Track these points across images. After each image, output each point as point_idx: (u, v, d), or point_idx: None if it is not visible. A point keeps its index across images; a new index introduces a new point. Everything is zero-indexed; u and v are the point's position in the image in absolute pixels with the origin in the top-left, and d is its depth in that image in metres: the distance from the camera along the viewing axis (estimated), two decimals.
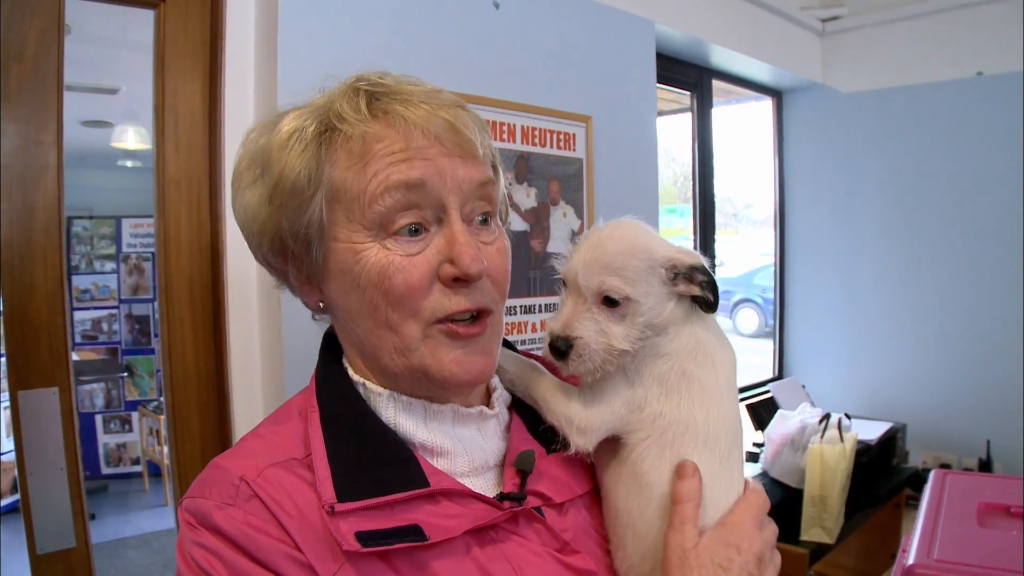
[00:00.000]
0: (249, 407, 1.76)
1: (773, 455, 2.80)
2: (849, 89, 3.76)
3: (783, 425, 2.84)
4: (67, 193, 1.55)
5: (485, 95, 2.08)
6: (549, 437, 0.87)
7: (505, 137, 2.15)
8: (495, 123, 2.12)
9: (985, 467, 3.28)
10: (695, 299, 0.85)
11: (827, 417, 2.76)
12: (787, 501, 2.65)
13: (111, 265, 5.81)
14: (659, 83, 2.80)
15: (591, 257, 0.82)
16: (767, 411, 3.18)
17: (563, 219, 2.35)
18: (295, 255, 0.82)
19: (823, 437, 2.66)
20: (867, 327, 3.75)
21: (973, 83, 3.35)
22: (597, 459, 0.88)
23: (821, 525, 2.57)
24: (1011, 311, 3.26)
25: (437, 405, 0.83)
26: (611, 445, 0.86)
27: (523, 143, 2.20)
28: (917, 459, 3.51)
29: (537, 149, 2.25)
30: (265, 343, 1.76)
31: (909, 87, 3.54)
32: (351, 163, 0.77)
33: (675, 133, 4.03)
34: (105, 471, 5.61)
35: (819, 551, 2.53)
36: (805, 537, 2.53)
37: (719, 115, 3.56)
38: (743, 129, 4.39)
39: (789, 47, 3.64)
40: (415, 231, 0.77)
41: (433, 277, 0.77)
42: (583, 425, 0.83)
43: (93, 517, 4.69)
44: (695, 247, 3.45)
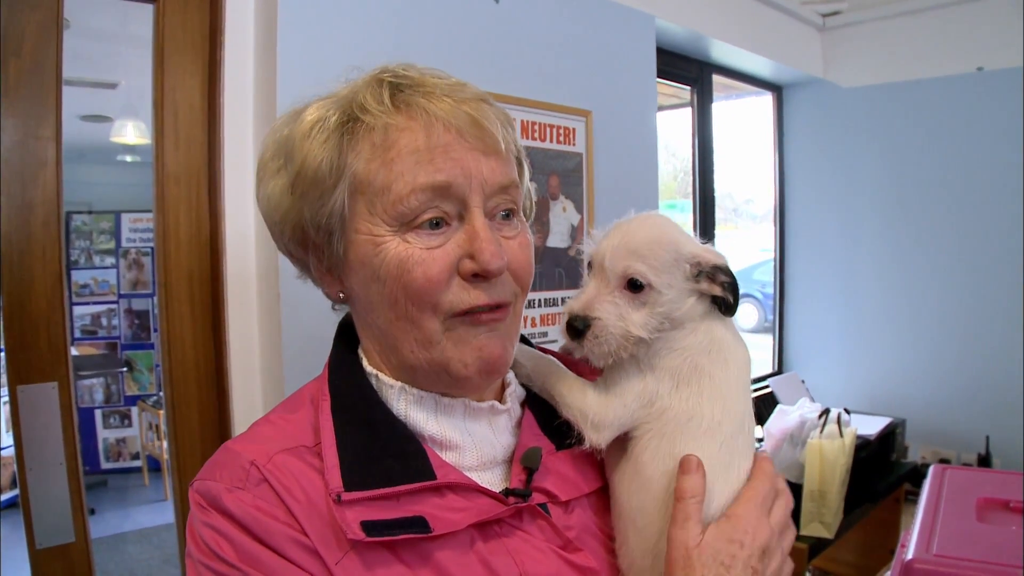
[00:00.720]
0: (248, 402, 1.76)
1: (772, 450, 2.80)
2: (849, 84, 3.76)
3: (782, 420, 2.85)
4: (66, 188, 1.55)
5: (485, 89, 2.07)
6: (565, 432, 0.86)
7: None
8: None
9: (984, 462, 3.28)
10: (714, 300, 0.85)
11: (826, 412, 2.76)
12: None
13: (110, 260, 5.81)
14: (659, 78, 2.80)
15: (620, 242, 0.83)
16: (766, 406, 3.18)
17: (563, 214, 2.34)
18: (316, 245, 0.82)
19: (822, 432, 2.66)
20: (867, 322, 3.75)
21: (973, 78, 3.35)
22: (607, 456, 0.88)
23: (820, 520, 2.57)
24: (1010, 307, 3.26)
25: (449, 399, 0.83)
26: (619, 442, 0.86)
27: (523, 137, 2.19)
28: (916, 454, 3.51)
29: (537, 143, 2.25)
30: (264, 338, 1.75)
31: (909, 82, 3.53)
32: (374, 155, 0.77)
33: (675, 128, 4.03)
34: (104, 466, 5.62)
35: (818, 546, 2.53)
36: (804, 532, 2.54)
37: (719, 110, 3.56)
38: (743, 124, 4.38)
39: (789, 42, 3.63)
40: (436, 224, 0.77)
41: (452, 271, 0.77)
42: (597, 420, 0.84)
43: (92, 512, 4.71)
44: None
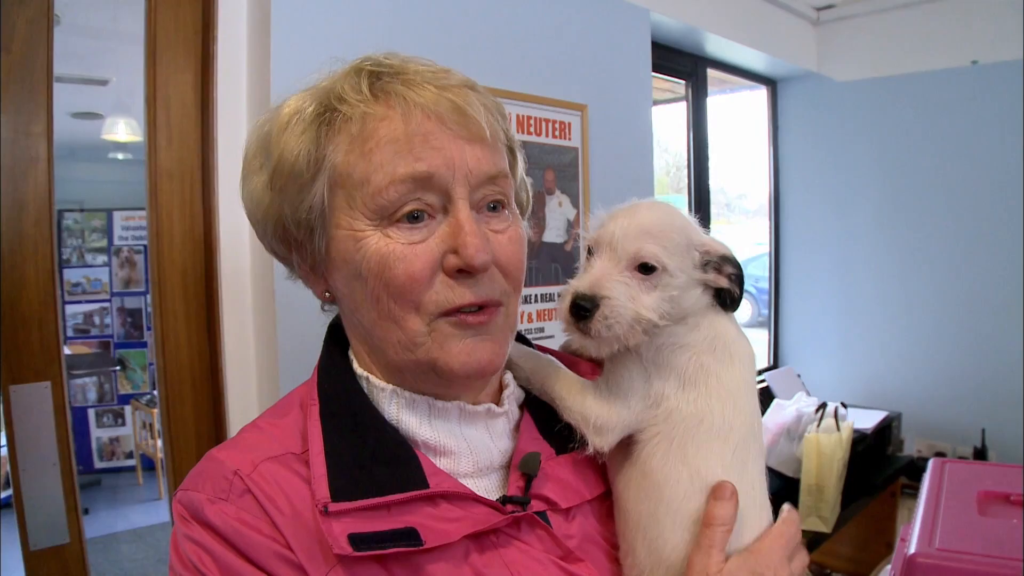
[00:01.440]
0: (243, 400, 1.74)
1: (769, 445, 2.80)
2: (844, 78, 3.75)
3: (779, 414, 2.85)
4: (57, 186, 1.53)
5: (481, 84, 2.06)
6: (567, 436, 0.83)
7: None
8: None
9: (980, 455, 3.29)
10: (718, 294, 0.83)
11: (823, 406, 2.77)
12: (783, 490, 2.65)
13: (102, 258, 5.78)
14: (654, 72, 2.79)
15: (630, 223, 0.80)
16: (763, 400, 3.17)
17: (558, 208, 2.33)
18: (298, 243, 0.79)
19: (819, 426, 2.67)
20: (862, 316, 3.75)
21: (968, 72, 3.34)
22: (609, 460, 0.85)
23: (817, 514, 2.58)
24: (1007, 300, 3.27)
25: (442, 402, 0.80)
26: (623, 445, 0.82)
27: (518, 132, 2.18)
28: (912, 448, 3.52)
29: (532, 138, 2.23)
30: (259, 336, 1.74)
31: (904, 76, 3.53)
32: (352, 147, 0.74)
33: (667, 123, 4.02)
34: (98, 465, 5.61)
35: (816, 540, 2.54)
36: (802, 527, 2.53)
37: (714, 104, 3.55)
38: (738, 118, 4.38)
39: (784, 36, 3.62)
40: (417, 217, 0.74)
41: (436, 267, 0.73)
42: (600, 423, 0.80)
43: (86, 512, 4.68)
44: None
